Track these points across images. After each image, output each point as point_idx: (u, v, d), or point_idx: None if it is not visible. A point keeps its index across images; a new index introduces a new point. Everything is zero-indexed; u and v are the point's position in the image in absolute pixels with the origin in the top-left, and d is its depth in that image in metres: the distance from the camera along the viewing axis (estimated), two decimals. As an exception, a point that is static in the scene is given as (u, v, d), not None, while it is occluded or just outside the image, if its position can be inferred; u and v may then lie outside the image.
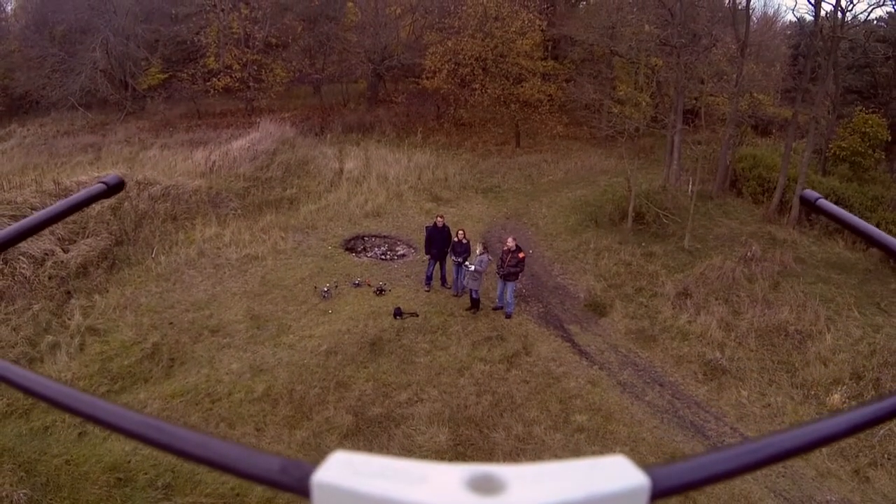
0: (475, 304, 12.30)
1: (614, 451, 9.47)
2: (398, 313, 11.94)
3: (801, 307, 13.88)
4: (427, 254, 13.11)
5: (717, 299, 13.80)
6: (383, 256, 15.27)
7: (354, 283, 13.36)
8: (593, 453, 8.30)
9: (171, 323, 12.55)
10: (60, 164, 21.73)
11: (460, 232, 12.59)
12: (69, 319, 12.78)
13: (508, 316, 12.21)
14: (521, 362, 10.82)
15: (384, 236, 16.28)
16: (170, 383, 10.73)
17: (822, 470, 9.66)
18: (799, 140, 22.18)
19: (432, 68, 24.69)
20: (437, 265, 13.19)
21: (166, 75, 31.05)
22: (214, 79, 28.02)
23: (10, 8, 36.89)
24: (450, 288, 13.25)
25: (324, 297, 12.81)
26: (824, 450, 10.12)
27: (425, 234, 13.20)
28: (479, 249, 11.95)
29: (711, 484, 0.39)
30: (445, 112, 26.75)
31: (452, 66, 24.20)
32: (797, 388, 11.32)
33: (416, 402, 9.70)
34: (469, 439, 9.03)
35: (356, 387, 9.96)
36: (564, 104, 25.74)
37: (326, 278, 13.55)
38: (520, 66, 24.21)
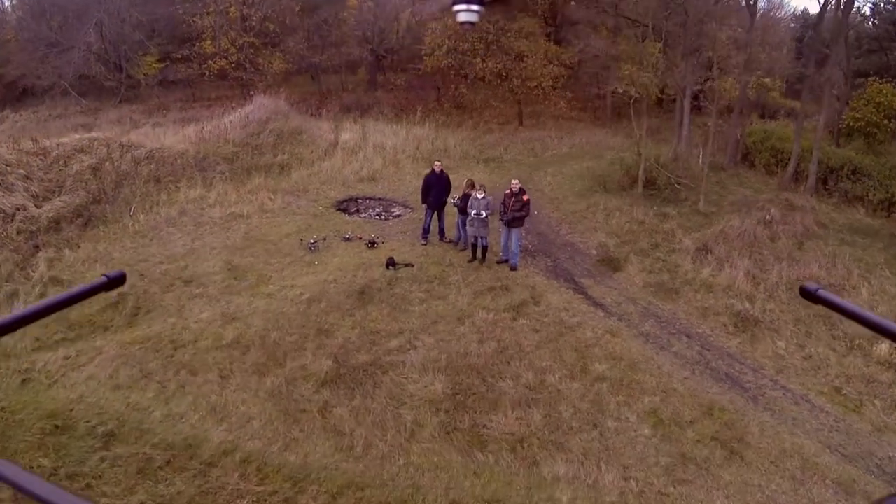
0: (483, 253, 10.65)
1: (643, 401, 7.83)
2: (391, 263, 10.32)
3: (829, 264, 12.30)
4: (424, 203, 11.49)
5: (739, 255, 12.17)
6: (378, 216, 13.67)
7: (345, 237, 11.76)
8: (618, 404, 6.61)
9: (141, 275, 10.99)
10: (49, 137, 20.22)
11: (474, 185, 10.74)
12: (33, 271, 11.30)
13: (514, 268, 10.58)
14: (530, 311, 9.18)
15: (379, 198, 14.69)
16: (132, 331, 9.16)
17: (878, 424, 8.03)
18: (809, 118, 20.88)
19: (432, 45, 23.22)
20: (436, 217, 11.57)
21: (164, 64, 29.61)
22: (210, 62, 26.58)
23: (7, 2, 35.52)
24: (449, 242, 11.63)
25: (310, 249, 11.20)
26: (878, 403, 8.50)
27: (423, 182, 11.59)
28: (479, 193, 10.33)
29: None
30: (445, 93, 25.19)
31: (452, 42, 22.71)
32: (838, 339, 9.69)
33: (409, 349, 8.06)
34: (470, 388, 7.38)
35: (339, 334, 8.34)
36: (568, 81, 24.19)
37: (314, 233, 11.95)
38: (520, 46, 22.76)
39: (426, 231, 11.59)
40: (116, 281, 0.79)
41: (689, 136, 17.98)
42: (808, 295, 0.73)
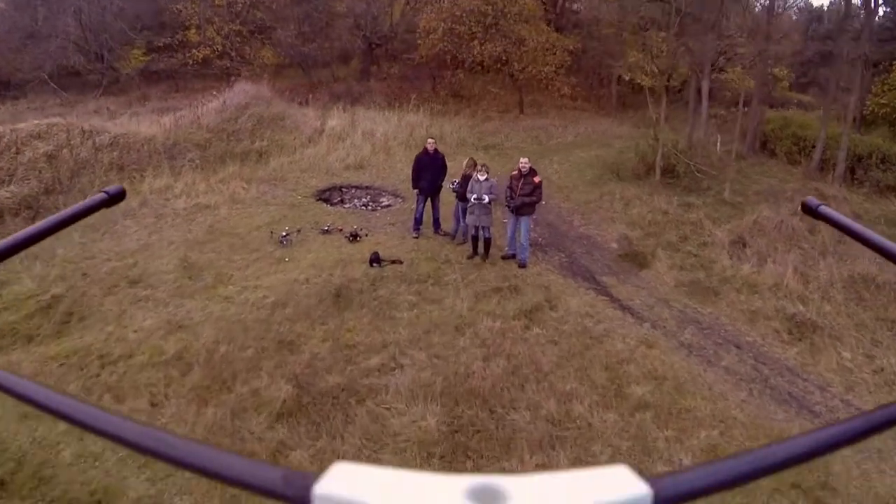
0: (486, 247, 8.78)
1: (698, 436, 5.97)
2: (375, 260, 8.45)
3: (880, 260, 10.42)
4: (415, 188, 9.62)
5: (781, 249, 10.35)
6: (364, 207, 11.78)
7: (323, 230, 9.87)
8: (667, 440, 4.68)
9: (84, 274, 9.13)
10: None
11: (476, 164, 8.90)
12: (-38, 270, 9.39)
13: (522, 264, 8.71)
14: (545, 318, 7.30)
15: (366, 187, 12.79)
16: (58, 342, 7.28)
17: None
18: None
19: (426, 28, 21.33)
20: (430, 205, 9.71)
21: (149, 58, 27.63)
22: (194, 50, 24.69)
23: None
24: (445, 234, 9.77)
25: (281, 243, 9.32)
26: None
27: (414, 163, 9.73)
28: (481, 175, 8.46)
29: (716, 492, 0.35)
30: (441, 80, 23.28)
31: (449, 24, 20.82)
32: (909, 347, 7.86)
33: (394, 369, 6.16)
34: (474, 422, 5.49)
35: (306, 348, 6.45)
36: (571, 67, 22.34)
37: (288, 225, 10.07)
38: (520, 29, 20.92)
39: (418, 222, 9.72)
40: (116, 197, 0.72)
41: (707, 121, 16.13)
42: (810, 210, 0.69)
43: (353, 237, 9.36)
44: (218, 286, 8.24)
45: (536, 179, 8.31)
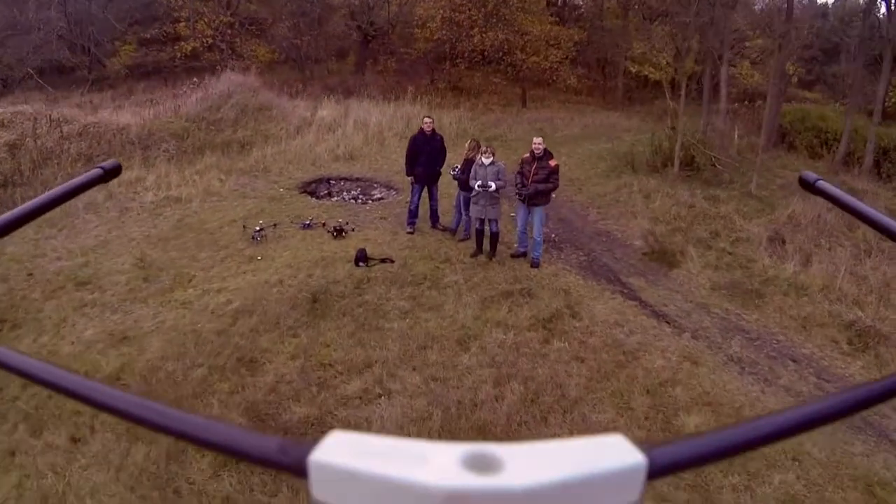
0: (493, 243, 7.44)
1: (771, 482, 4.61)
2: (362, 259, 7.10)
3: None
4: (409, 175, 8.28)
5: (821, 246, 9.05)
6: (353, 199, 10.44)
7: (304, 224, 8.52)
8: (733, 488, 3.37)
9: (29, 274, 7.81)
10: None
11: (479, 146, 7.60)
12: None
13: (535, 264, 7.37)
14: (567, 329, 5.95)
15: (356, 178, 11.45)
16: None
17: None
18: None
19: (424, 16, 20.05)
20: (426, 194, 8.37)
21: (139, 53, 26.28)
22: (182, 42, 23.39)
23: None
24: (445, 229, 8.44)
25: (254, 239, 7.97)
26: None
27: (408, 145, 8.40)
28: (485, 157, 7.12)
29: (709, 463, 0.35)
30: (439, 72, 21.93)
31: (448, 12, 19.51)
32: None
33: (379, 395, 4.80)
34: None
35: (271, 367, 5.09)
36: (576, 60, 21.03)
37: (265, 219, 8.73)
38: (522, 19, 19.65)
39: (413, 214, 8.38)
40: (112, 172, 0.69)
41: (728, 103, 14.82)
42: (807, 185, 0.66)
43: (338, 232, 8.01)
44: (176, 289, 6.89)
45: (553, 163, 6.98)
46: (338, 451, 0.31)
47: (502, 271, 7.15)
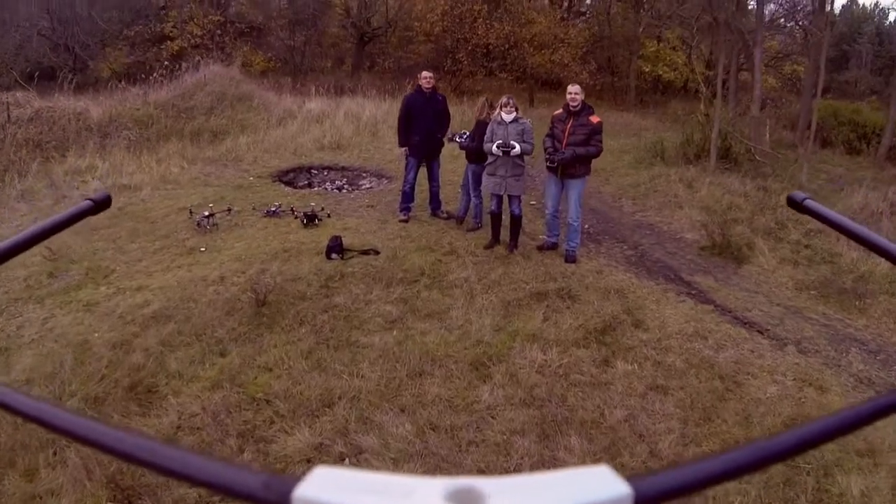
0: (515, 229, 5.52)
1: None
2: (335, 249, 5.18)
3: None
4: (403, 146, 6.39)
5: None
6: (337, 189, 8.53)
7: (268, 211, 6.59)
8: None
9: None
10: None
11: (491, 105, 5.78)
12: None
13: (571, 257, 5.44)
14: (632, 343, 3.99)
15: (342, 167, 9.56)
16: None
17: None
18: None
19: (424, 9, 18.41)
20: (425, 170, 6.48)
21: (129, 61, 24.64)
22: (169, 42, 21.77)
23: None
24: (449, 217, 6.54)
25: (199, 226, 6.04)
26: None
27: (401, 107, 6.53)
28: (506, 113, 5.22)
29: (695, 492, 0.33)
30: (439, 75, 20.15)
31: (448, 4, 17.85)
32: None
33: (341, 459, 2.84)
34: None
35: (175, 402, 3.13)
36: (584, 57, 19.29)
37: (221, 207, 6.81)
38: (528, 11, 18.03)
39: (408, 197, 6.46)
40: (102, 204, 0.66)
41: (762, 93, 13.05)
42: (795, 204, 0.66)
43: (309, 219, 6.08)
44: (86, 285, 4.95)
45: (594, 119, 5.11)
46: (323, 486, 0.30)
47: (529, 266, 5.21)
